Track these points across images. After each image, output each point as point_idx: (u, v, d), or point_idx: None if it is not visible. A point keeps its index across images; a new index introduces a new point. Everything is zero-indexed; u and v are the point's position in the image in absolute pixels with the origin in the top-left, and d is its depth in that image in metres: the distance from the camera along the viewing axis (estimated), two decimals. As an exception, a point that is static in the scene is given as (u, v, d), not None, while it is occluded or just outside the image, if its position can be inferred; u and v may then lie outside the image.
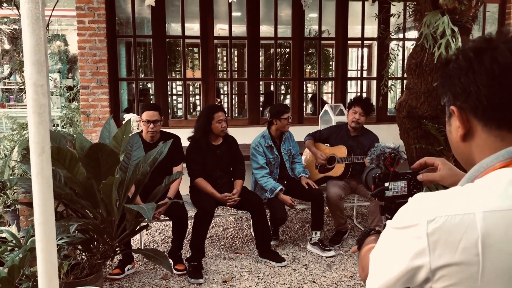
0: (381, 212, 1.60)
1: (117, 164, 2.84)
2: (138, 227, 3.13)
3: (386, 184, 1.57)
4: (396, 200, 1.61)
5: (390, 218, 1.65)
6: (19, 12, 5.84)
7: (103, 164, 2.75)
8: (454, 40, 4.07)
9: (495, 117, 0.77)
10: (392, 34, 5.30)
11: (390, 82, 5.74)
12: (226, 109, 7.50)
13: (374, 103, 5.86)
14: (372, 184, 1.60)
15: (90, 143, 2.88)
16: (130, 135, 3.25)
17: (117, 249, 3.11)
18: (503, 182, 0.72)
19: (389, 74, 5.57)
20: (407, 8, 5.42)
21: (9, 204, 4.33)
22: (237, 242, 4.29)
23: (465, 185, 0.76)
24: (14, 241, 2.67)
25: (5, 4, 6.01)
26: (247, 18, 5.68)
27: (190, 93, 10.46)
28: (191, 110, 9.36)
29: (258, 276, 3.53)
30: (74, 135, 3.15)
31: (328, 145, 4.43)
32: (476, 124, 0.80)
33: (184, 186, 4.04)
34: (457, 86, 0.80)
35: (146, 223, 3.43)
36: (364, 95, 7.14)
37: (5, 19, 5.92)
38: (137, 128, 4.66)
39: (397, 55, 5.50)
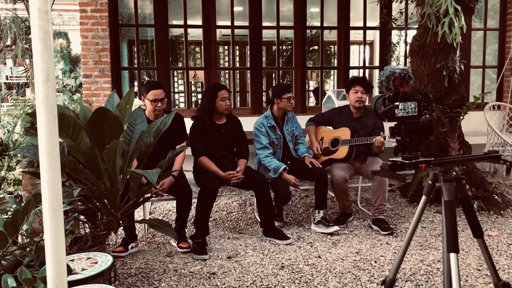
0: (391, 134, 1.58)
1: (120, 132, 2.81)
2: (142, 199, 3.10)
3: (397, 104, 1.55)
4: (407, 121, 1.58)
5: (400, 140, 1.63)
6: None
7: (107, 131, 2.73)
8: (457, 19, 4.06)
9: None
10: (395, 18, 5.29)
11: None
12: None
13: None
14: (382, 105, 1.58)
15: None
16: (134, 109, 3.23)
17: (120, 221, 3.08)
18: None
19: (393, 59, 5.58)
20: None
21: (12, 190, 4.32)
22: (241, 224, 4.25)
23: None
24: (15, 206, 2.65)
25: None
26: (249, 11, 5.69)
27: (192, 91, 10.47)
28: (193, 105, 9.35)
29: (263, 253, 3.50)
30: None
31: (331, 128, 4.40)
32: None
33: (188, 168, 4.01)
34: None
35: (150, 195, 3.41)
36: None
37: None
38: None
39: (400, 40, 5.50)
